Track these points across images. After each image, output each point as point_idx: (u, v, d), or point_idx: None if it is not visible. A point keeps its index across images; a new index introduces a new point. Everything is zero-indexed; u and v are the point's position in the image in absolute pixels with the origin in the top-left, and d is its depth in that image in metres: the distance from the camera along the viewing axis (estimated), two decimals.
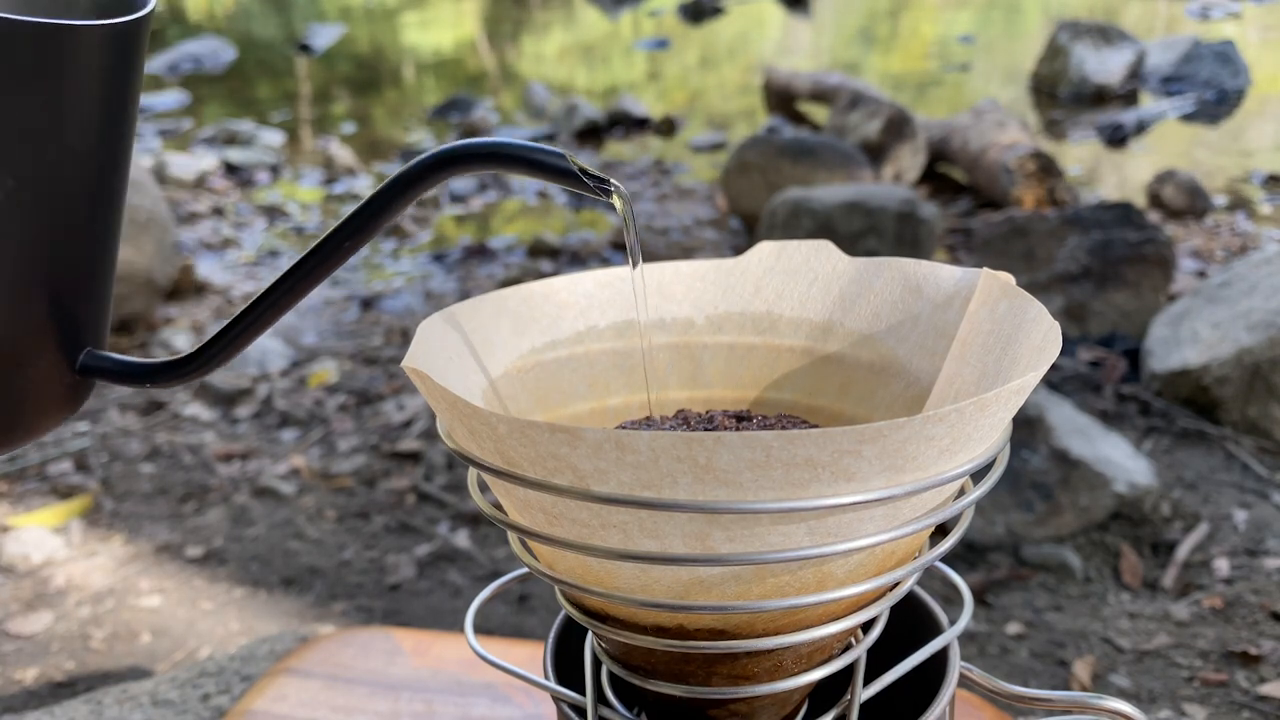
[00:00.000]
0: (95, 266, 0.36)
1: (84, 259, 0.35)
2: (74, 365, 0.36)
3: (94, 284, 0.36)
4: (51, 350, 0.35)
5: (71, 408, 0.37)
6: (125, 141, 0.35)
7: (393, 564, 1.59)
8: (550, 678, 0.38)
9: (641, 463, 0.26)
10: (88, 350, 0.37)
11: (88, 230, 0.35)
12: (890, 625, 0.38)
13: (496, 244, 3.03)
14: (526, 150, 0.31)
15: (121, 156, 0.35)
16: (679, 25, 7.05)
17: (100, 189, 0.35)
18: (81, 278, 0.36)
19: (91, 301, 0.37)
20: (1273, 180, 3.18)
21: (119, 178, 0.36)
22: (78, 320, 0.36)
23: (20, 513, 1.75)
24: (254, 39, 7.20)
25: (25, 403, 0.35)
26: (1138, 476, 1.53)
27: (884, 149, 3.17)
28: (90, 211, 0.35)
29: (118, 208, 0.36)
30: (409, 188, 0.32)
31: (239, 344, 0.36)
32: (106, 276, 0.37)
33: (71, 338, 0.36)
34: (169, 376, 0.37)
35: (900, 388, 0.38)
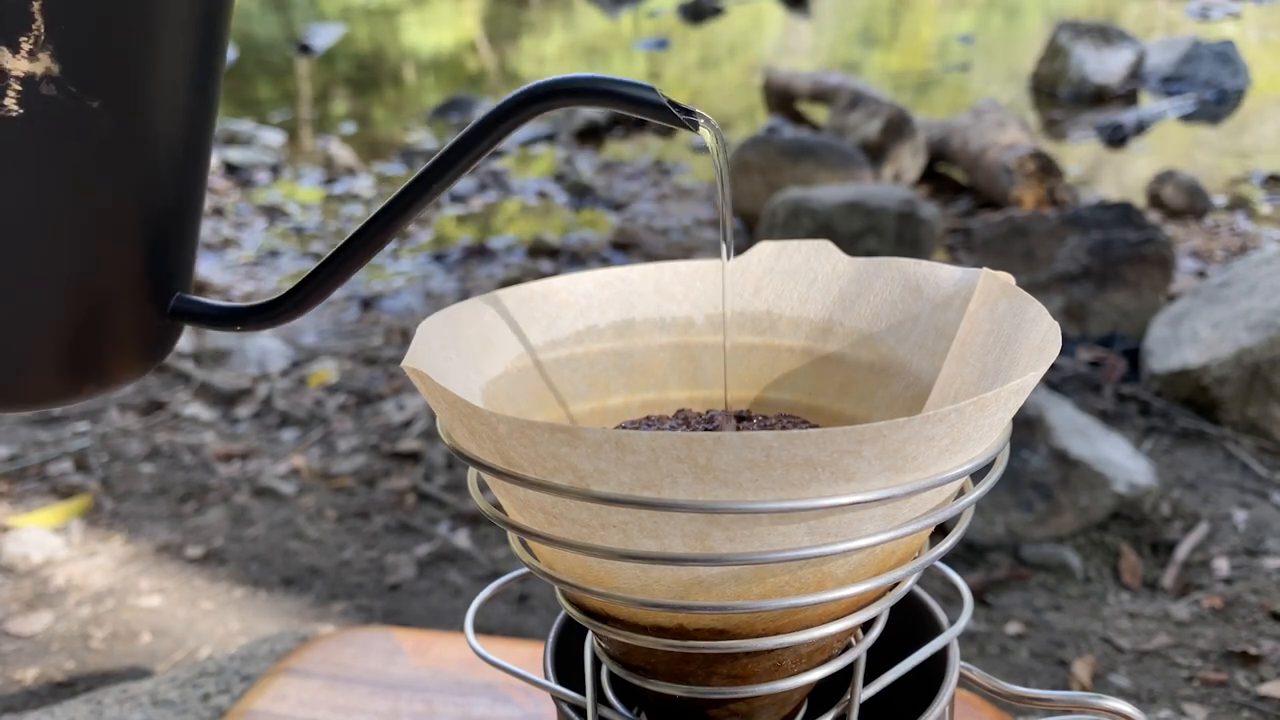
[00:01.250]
0: (188, 208, 0.36)
1: (178, 200, 0.36)
2: (166, 309, 0.36)
3: (186, 226, 0.36)
4: (146, 292, 0.35)
5: (162, 352, 0.37)
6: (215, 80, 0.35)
7: (393, 564, 1.59)
8: (550, 678, 0.38)
9: (641, 463, 0.26)
10: (178, 294, 0.37)
11: (181, 172, 0.35)
12: (890, 625, 0.38)
13: (496, 244, 3.03)
14: (617, 84, 0.31)
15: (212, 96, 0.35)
16: (679, 25, 7.05)
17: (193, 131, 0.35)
18: (176, 219, 0.36)
19: (183, 244, 0.37)
20: (1273, 180, 3.18)
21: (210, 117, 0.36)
22: (171, 263, 0.36)
23: (20, 513, 1.75)
24: (254, 39, 7.20)
25: (120, 345, 0.35)
26: (1138, 476, 1.53)
27: (884, 149, 3.17)
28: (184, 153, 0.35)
29: (207, 149, 0.37)
30: (498, 124, 0.32)
31: (328, 286, 0.35)
32: (196, 221, 0.37)
33: (164, 281, 0.36)
34: (259, 319, 0.37)
35: (900, 388, 0.38)
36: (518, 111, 0.32)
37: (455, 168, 0.33)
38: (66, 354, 0.34)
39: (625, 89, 0.31)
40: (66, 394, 0.35)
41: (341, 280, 0.35)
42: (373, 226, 0.34)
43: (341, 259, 0.35)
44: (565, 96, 0.31)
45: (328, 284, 0.36)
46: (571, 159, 3.82)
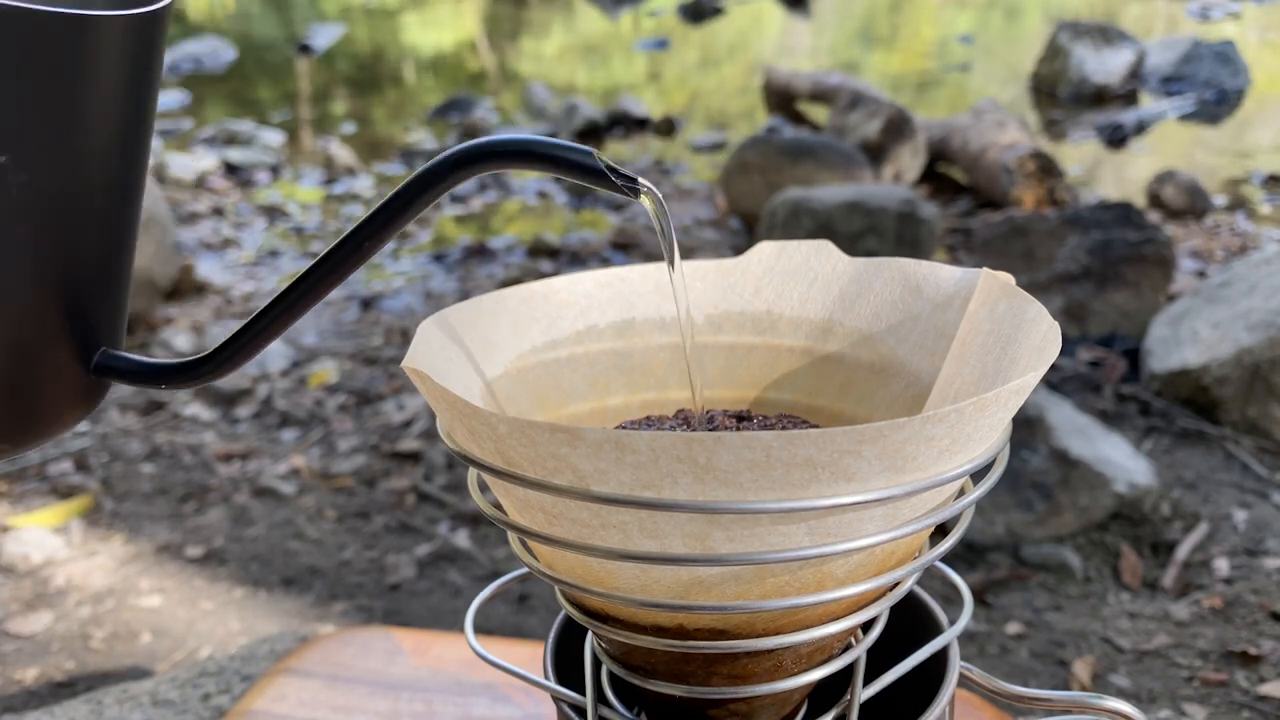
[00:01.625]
0: (112, 264, 0.36)
1: (101, 256, 0.35)
2: (89, 365, 0.36)
3: (111, 282, 0.36)
4: (67, 349, 0.35)
5: (86, 408, 0.37)
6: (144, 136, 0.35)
7: (393, 564, 1.59)
8: (550, 678, 0.38)
9: (641, 463, 0.26)
10: (103, 350, 0.36)
11: (105, 227, 0.35)
12: (890, 625, 0.38)
13: (496, 244, 3.03)
14: (553, 148, 0.30)
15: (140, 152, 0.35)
16: (679, 25, 7.05)
17: (118, 185, 0.34)
18: (98, 275, 0.35)
19: (108, 300, 0.36)
20: (1273, 180, 3.18)
21: (137, 173, 0.35)
22: (94, 319, 0.36)
23: (20, 513, 1.75)
24: (254, 39, 7.20)
25: (40, 402, 0.35)
26: (1138, 476, 1.53)
27: (884, 149, 3.17)
28: (108, 207, 0.34)
29: (135, 204, 0.36)
30: (430, 186, 0.31)
31: (255, 346, 0.35)
32: (123, 275, 0.37)
33: (87, 337, 0.35)
34: (184, 378, 0.36)
35: (900, 388, 0.38)
36: (450, 173, 0.31)
37: (387, 228, 0.32)
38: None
39: (562, 153, 0.30)
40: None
41: (270, 339, 0.35)
42: (301, 285, 0.34)
43: (268, 319, 0.34)
44: (500, 159, 0.31)
45: (253, 344, 0.35)
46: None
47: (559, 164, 0.30)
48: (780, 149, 2.93)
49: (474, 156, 0.31)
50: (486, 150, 0.31)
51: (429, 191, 0.31)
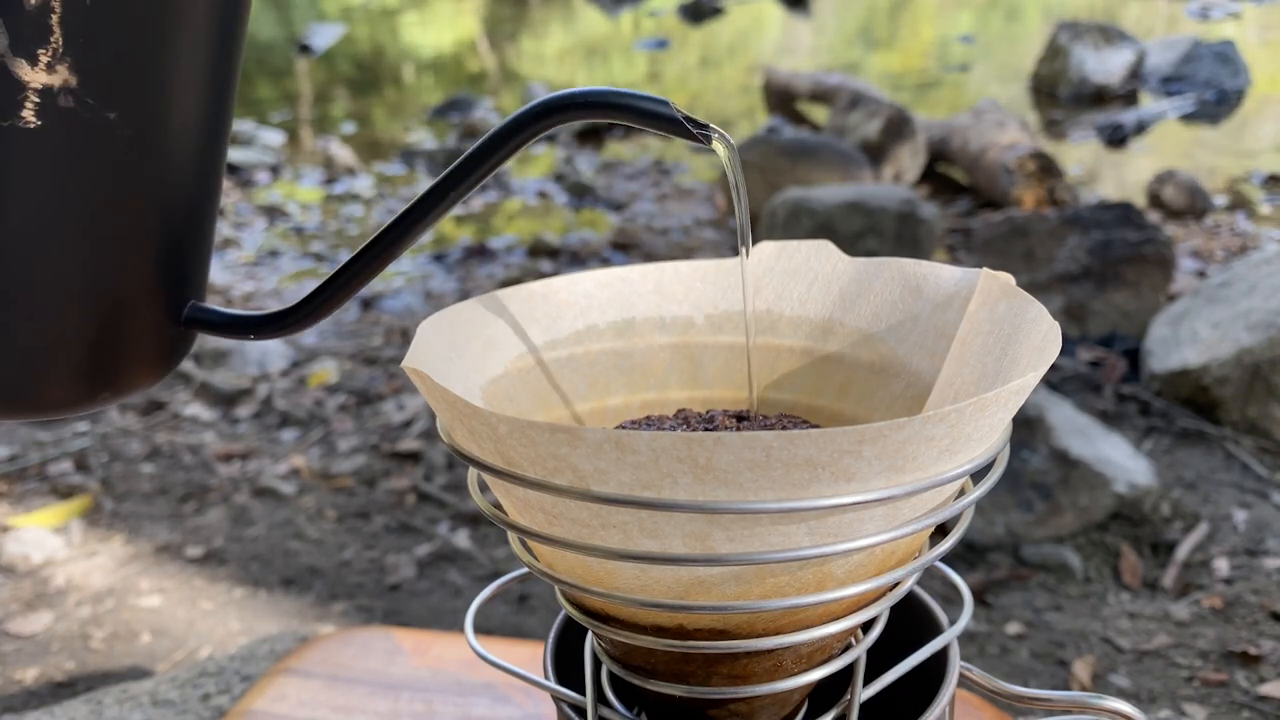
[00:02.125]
0: (202, 217, 0.36)
1: (193, 209, 0.36)
2: (179, 317, 0.37)
3: (201, 235, 0.37)
4: (160, 301, 0.35)
5: (174, 361, 0.38)
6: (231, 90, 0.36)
7: (393, 564, 1.59)
8: (550, 678, 0.38)
9: (641, 463, 0.26)
10: (191, 303, 0.37)
11: (197, 181, 0.35)
12: (890, 625, 0.38)
13: (496, 244, 3.03)
14: (632, 98, 0.31)
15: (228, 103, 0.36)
16: (679, 25, 7.05)
17: (209, 137, 0.35)
18: (190, 228, 0.36)
19: (197, 253, 0.37)
20: (1273, 180, 3.18)
21: (225, 126, 0.36)
22: (185, 271, 0.36)
23: (20, 513, 1.75)
24: (254, 39, 7.19)
25: (132, 353, 0.35)
26: (1138, 476, 1.53)
27: (884, 149, 3.17)
28: (200, 160, 0.35)
29: (222, 158, 0.37)
30: (512, 136, 0.32)
31: (340, 297, 0.35)
32: (210, 229, 0.37)
33: (178, 289, 0.36)
34: (272, 328, 0.37)
35: (900, 388, 0.38)
36: (533, 124, 0.32)
37: (471, 178, 0.33)
38: (82, 362, 0.34)
39: (640, 103, 0.31)
40: (81, 402, 0.35)
41: (354, 290, 0.35)
42: (387, 237, 0.34)
43: (355, 269, 0.35)
44: (581, 110, 0.31)
45: (340, 294, 0.35)
46: (571, 159, 3.82)
47: (637, 114, 0.31)
48: (780, 149, 2.93)
49: (556, 107, 0.31)
50: (568, 101, 0.31)
51: (512, 140, 0.32)
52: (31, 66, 0.28)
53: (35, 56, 0.28)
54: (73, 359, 0.34)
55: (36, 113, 0.29)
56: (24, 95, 0.29)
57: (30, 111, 0.29)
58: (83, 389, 0.34)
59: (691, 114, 0.32)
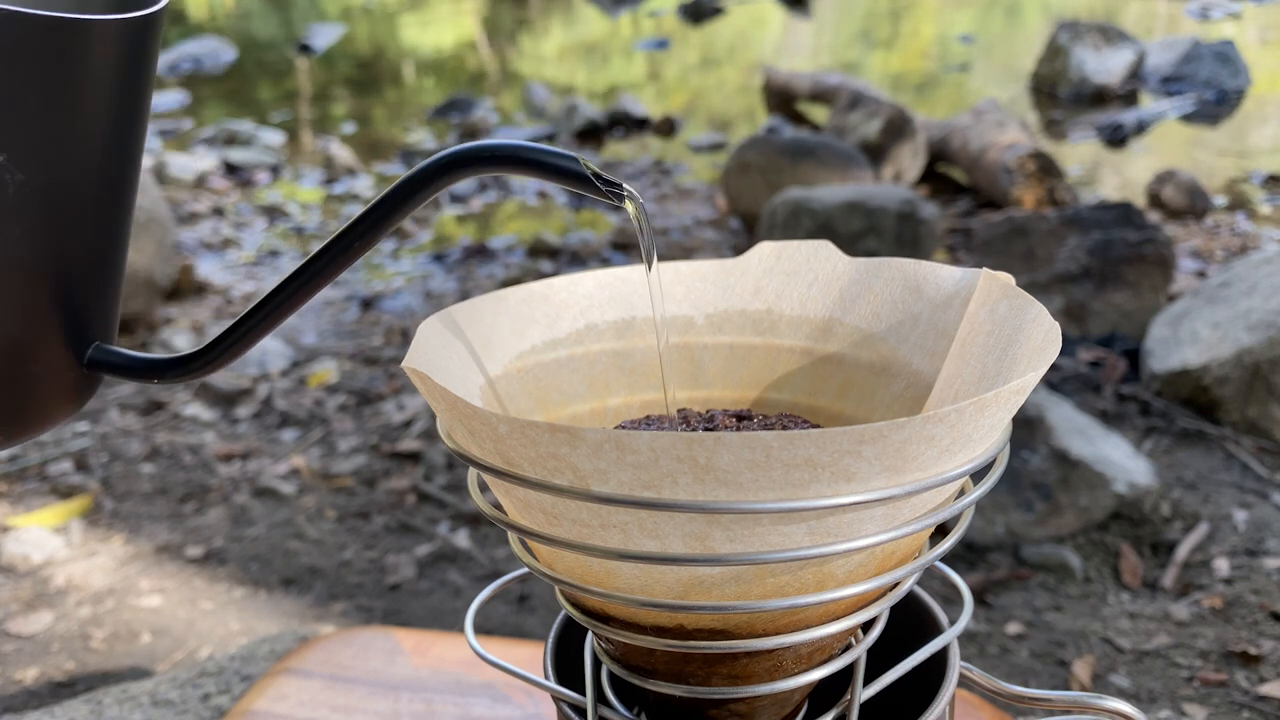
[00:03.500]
0: (106, 261, 0.36)
1: (95, 253, 0.35)
2: (82, 359, 0.36)
3: (104, 278, 0.36)
4: (60, 344, 0.35)
5: (79, 403, 0.37)
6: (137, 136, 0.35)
7: (393, 564, 1.59)
8: (550, 678, 0.38)
9: (641, 463, 0.26)
10: (96, 345, 0.37)
11: (99, 225, 0.35)
12: (890, 625, 0.38)
13: (496, 244, 3.03)
14: (538, 153, 0.31)
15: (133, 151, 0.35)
16: (679, 25, 7.05)
17: (112, 184, 0.35)
18: (91, 272, 0.36)
19: (101, 296, 0.37)
20: (1273, 180, 3.18)
21: (130, 173, 0.36)
22: (87, 314, 0.36)
23: (20, 513, 1.75)
24: (254, 39, 7.20)
25: (33, 396, 0.35)
26: (1138, 476, 1.53)
27: (884, 149, 3.17)
28: (101, 206, 0.35)
29: (129, 203, 0.36)
30: (418, 190, 0.32)
31: (246, 342, 0.35)
32: (116, 271, 0.37)
33: (80, 332, 0.36)
34: (176, 372, 0.37)
35: (900, 388, 0.38)
36: (440, 176, 0.31)
37: (377, 228, 0.33)
38: None
39: (547, 158, 0.31)
40: None
41: (261, 335, 0.35)
42: (292, 284, 0.34)
43: (260, 316, 0.35)
44: (488, 163, 0.31)
45: (246, 340, 0.35)
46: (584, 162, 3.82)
47: (544, 169, 0.31)
48: (780, 149, 2.93)
49: (461, 161, 0.31)
50: (473, 155, 0.31)
51: (417, 195, 0.32)
52: None
53: None
54: None
55: None
56: None
57: None
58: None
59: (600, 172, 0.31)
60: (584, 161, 0.31)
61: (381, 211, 0.33)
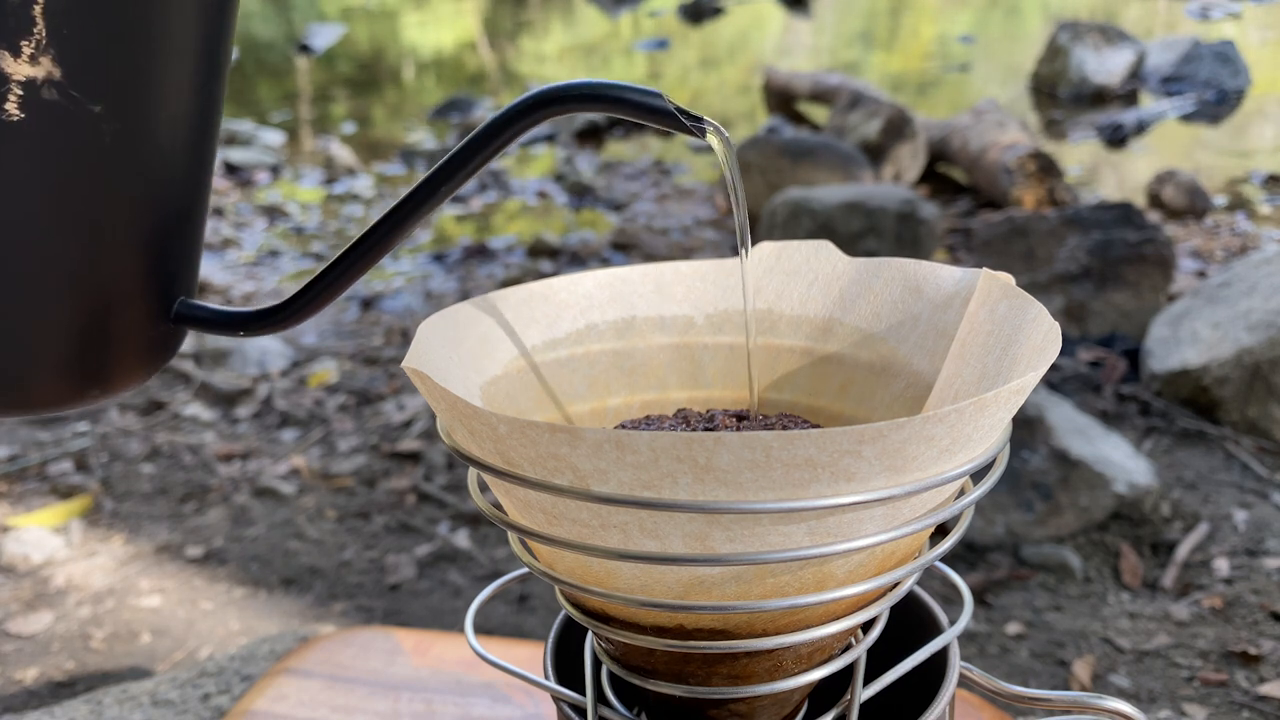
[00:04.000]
0: (192, 214, 0.36)
1: (182, 206, 0.36)
2: (169, 313, 0.36)
3: (190, 231, 0.36)
4: (149, 297, 0.35)
5: (164, 357, 0.37)
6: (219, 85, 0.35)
7: (393, 564, 1.59)
8: (550, 678, 0.38)
9: (641, 463, 0.26)
10: (181, 299, 0.37)
11: (186, 177, 0.35)
12: (890, 625, 0.38)
13: (496, 244, 3.03)
14: (624, 90, 0.31)
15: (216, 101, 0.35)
16: (679, 25, 7.05)
17: (197, 135, 0.35)
18: (179, 225, 0.36)
19: (187, 249, 0.37)
20: (1273, 180, 3.18)
21: (214, 124, 0.36)
22: (174, 268, 0.36)
23: (20, 513, 1.75)
24: (254, 39, 7.19)
25: (121, 350, 0.35)
26: (1138, 476, 1.53)
27: (884, 149, 3.17)
28: (188, 157, 0.35)
29: (212, 156, 0.37)
30: (505, 129, 0.32)
31: (332, 292, 0.35)
32: (200, 225, 0.37)
33: (167, 285, 0.36)
34: (262, 324, 0.37)
35: (900, 388, 0.38)
36: (526, 116, 0.31)
37: (463, 171, 0.33)
38: (70, 358, 0.34)
39: (633, 95, 0.31)
40: (70, 399, 0.34)
41: (345, 286, 0.35)
42: (378, 231, 0.34)
43: (346, 264, 0.35)
44: (573, 102, 0.31)
45: (331, 290, 0.35)
46: (571, 159, 3.82)
47: (629, 106, 0.31)
48: (780, 149, 2.93)
49: (548, 100, 0.31)
50: (560, 94, 0.31)
51: (503, 134, 0.32)
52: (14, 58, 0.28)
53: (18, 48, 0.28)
54: (61, 355, 0.33)
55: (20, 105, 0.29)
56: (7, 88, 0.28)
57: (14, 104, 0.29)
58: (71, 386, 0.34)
59: (686, 107, 0.31)
60: (668, 97, 0.31)
61: (469, 152, 0.32)
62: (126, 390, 0.36)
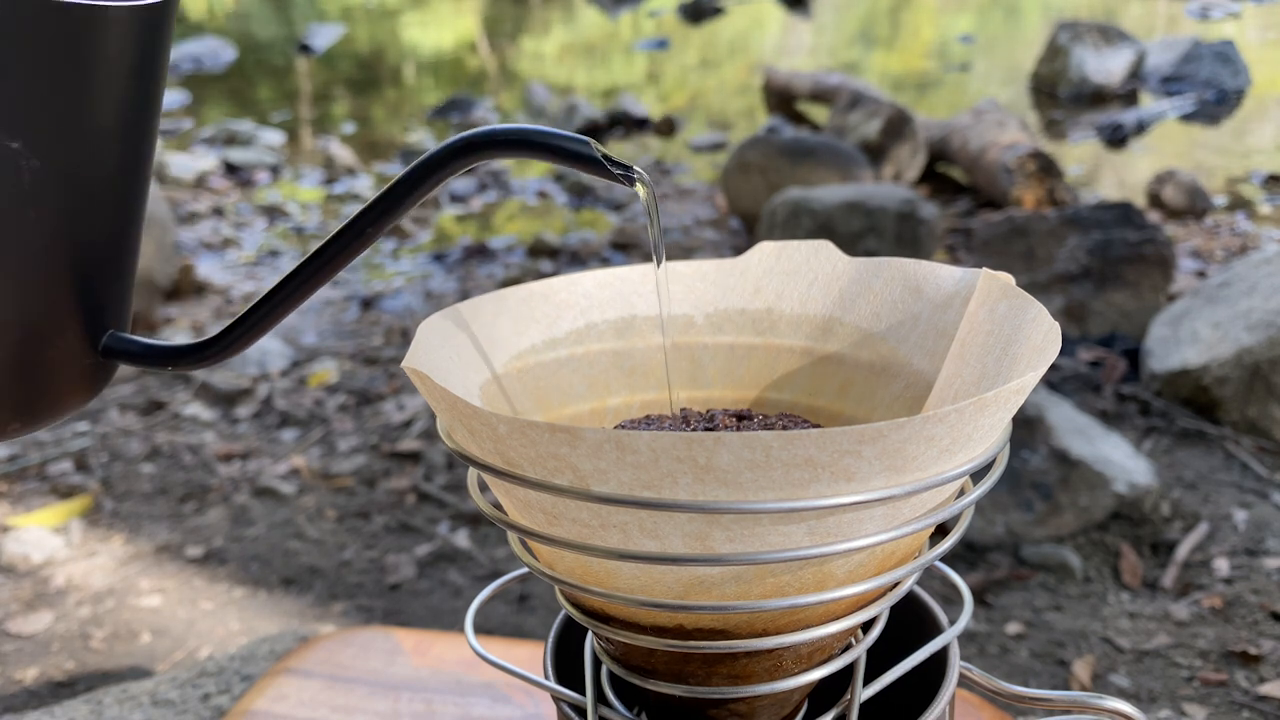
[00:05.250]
0: (120, 248, 0.36)
1: (110, 241, 0.35)
2: (97, 347, 0.36)
3: (118, 265, 0.36)
4: (75, 331, 0.35)
5: (93, 390, 0.37)
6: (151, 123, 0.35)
7: (393, 564, 1.59)
8: (550, 678, 0.38)
9: (641, 463, 0.26)
10: (110, 332, 0.37)
11: (114, 211, 0.35)
12: (890, 625, 0.38)
13: (496, 244, 3.03)
14: (551, 137, 0.31)
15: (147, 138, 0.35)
16: (679, 25, 7.05)
17: (126, 172, 0.35)
18: (106, 259, 0.36)
19: (115, 283, 0.37)
20: (1273, 180, 3.18)
21: (144, 161, 0.36)
22: (101, 302, 0.36)
23: (20, 513, 1.75)
24: (254, 39, 7.19)
25: (48, 384, 0.35)
26: (1138, 476, 1.53)
27: (884, 149, 3.17)
28: (116, 194, 0.35)
29: (142, 191, 0.36)
30: (432, 173, 0.32)
31: (260, 329, 0.35)
32: (130, 259, 0.37)
33: (95, 319, 0.36)
34: (190, 359, 0.37)
35: (900, 388, 0.38)
36: (455, 159, 0.31)
37: (390, 214, 0.33)
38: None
39: (561, 142, 0.31)
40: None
41: (274, 323, 0.35)
42: (304, 272, 0.34)
43: (274, 302, 0.35)
44: (501, 147, 0.31)
45: (258, 328, 0.35)
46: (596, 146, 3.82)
47: (556, 153, 0.31)
48: (780, 149, 2.93)
49: (474, 145, 0.31)
50: (486, 139, 0.31)
51: (430, 179, 0.32)
52: None
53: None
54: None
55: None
56: None
57: None
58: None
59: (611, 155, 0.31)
60: (595, 145, 0.31)
61: (395, 196, 0.33)
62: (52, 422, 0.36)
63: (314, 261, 0.34)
